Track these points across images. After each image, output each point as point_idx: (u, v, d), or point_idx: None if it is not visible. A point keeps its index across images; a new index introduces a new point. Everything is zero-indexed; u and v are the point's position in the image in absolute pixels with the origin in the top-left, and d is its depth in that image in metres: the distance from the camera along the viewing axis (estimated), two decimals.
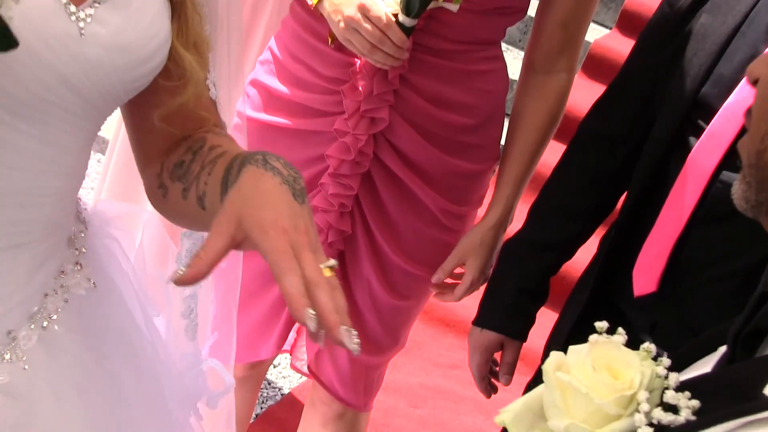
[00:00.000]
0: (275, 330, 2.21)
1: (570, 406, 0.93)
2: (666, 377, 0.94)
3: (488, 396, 2.00)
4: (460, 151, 1.97)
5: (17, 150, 1.20)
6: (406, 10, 1.77)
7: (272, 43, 2.07)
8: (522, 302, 1.87)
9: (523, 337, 1.89)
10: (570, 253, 1.87)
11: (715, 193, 1.56)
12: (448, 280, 2.01)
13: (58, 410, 1.29)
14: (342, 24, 1.80)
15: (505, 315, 1.88)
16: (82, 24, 1.17)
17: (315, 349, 2.18)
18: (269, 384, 3.13)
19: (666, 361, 0.97)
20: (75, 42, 1.17)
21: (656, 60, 1.71)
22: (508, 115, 2.02)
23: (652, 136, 1.69)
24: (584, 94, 3.65)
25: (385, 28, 1.77)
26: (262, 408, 2.93)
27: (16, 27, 1.11)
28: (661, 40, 1.71)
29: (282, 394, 3.09)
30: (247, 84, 2.09)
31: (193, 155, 1.34)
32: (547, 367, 0.96)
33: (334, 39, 1.87)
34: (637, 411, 0.90)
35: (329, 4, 1.84)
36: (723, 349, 1.02)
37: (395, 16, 1.78)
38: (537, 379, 1.81)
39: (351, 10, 1.79)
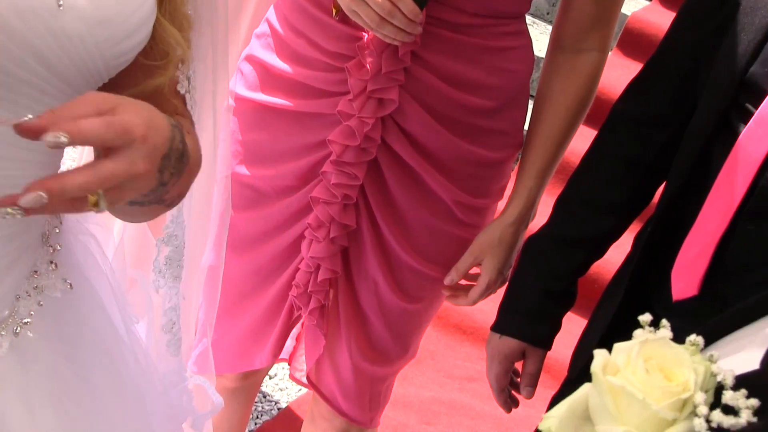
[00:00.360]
0: (271, 336, 2.22)
1: (622, 411, 0.97)
2: (720, 374, 0.97)
3: (508, 411, 2.01)
4: (478, 137, 1.98)
5: None
6: None
7: (270, 13, 2.07)
8: (546, 305, 1.87)
9: (548, 345, 1.90)
10: (600, 252, 1.87)
11: (765, 185, 1.56)
12: (463, 282, 2.02)
13: (30, 424, 1.30)
14: None
15: (527, 320, 1.88)
16: None
17: (315, 356, 2.20)
18: (264, 397, 3.17)
19: (716, 354, 0.99)
20: (52, 14, 1.16)
21: (699, 35, 1.70)
22: (532, 97, 2.03)
23: (694, 121, 1.69)
24: (619, 74, 3.69)
25: None
26: (256, 423, 2.96)
27: None
28: (705, 13, 1.71)
29: (278, 408, 3.13)
30: (241, 60, 2.09)
31: None
32: (596, 369, 0.99)
33: (339, 10, 1.87)
34: (695, 414, 0.94)
35: None
36: (765, 330, 1.04)
37: None
38: (563, 393, 1.83)
39: None
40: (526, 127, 2.05)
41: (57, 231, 1.40)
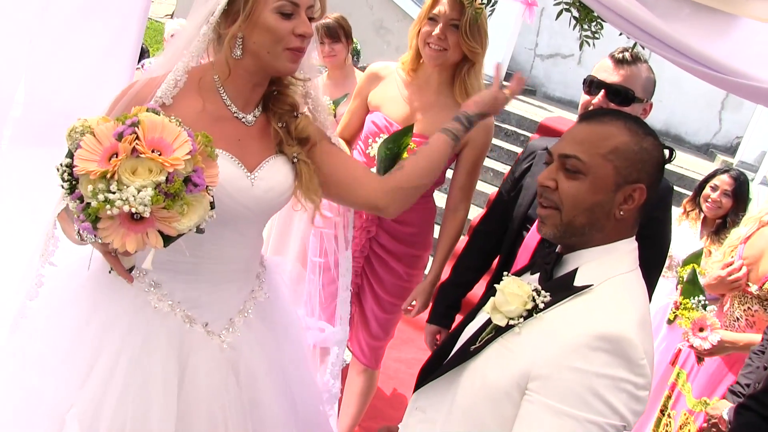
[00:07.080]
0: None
1: (509, 300, 1.07)
2: (536, 287, 1.07)
3: None
4: (413, 244, 2.15)
5: (225, 239, 1.30)
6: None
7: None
8: (449, 311, 2.01)
9: (449, 328, 2.00)
10: (470, 288, 2.02)
11: (534, 260, 1.57)
12: (409, 307, 2.12)
13: (251, 354, 1.39)
14: None
15: (440, 317, 2.02)
16: (252, 180, 1.29)
17: (351, 339, 2.25)
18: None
19: (536, 286, 1.09)
20: (249, 188, 1.29)
21: (509, 197, 1.88)
22: (438, 223, 2.17)
23: (508, 232, 1.86)
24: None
25: None
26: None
27: (225, 185, 1.19)
28: (510, 188, 1.90)
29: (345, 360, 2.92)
30: None
31: None
32: (498, 285, 1.09)
33: None
34: (533, 299, 1.06)
35: None
36: (535, 276, 1.16)
37: None
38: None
39: None
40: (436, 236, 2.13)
41: (263, 272, 1.47)
